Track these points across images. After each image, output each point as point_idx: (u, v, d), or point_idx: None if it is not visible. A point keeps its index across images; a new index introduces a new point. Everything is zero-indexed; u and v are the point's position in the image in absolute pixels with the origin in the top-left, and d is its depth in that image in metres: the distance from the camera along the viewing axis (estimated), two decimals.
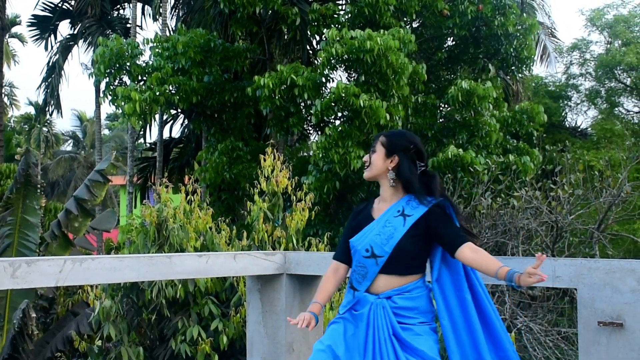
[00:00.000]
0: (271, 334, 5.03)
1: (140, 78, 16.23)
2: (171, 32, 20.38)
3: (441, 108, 16.61)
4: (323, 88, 14.77)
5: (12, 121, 45.29)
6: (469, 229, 3.62)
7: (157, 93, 15.22)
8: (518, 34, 16.38)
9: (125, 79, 16.53)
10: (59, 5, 23.83)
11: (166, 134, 21.60)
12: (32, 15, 24.20)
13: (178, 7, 21.90)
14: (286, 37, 17.18)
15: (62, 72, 24.44)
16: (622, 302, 3.60)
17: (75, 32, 23.95)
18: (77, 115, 45.01)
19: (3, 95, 28.62)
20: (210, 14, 17.55)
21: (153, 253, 7.74)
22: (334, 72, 14.88)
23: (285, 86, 14.24)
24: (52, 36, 24.41)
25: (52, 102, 24.76)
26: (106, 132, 47.04)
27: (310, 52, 17.60)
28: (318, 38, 17.38)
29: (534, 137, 16.37)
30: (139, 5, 22.70)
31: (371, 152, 3.72)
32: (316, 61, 16.58)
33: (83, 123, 44.69)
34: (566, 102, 23.42)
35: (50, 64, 24.30)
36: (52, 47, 24.37)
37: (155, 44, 16.29)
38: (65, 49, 24.21)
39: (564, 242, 12.27)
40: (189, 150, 20.34)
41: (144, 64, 16.27)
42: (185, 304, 7.99)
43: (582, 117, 40.57)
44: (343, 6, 17.19)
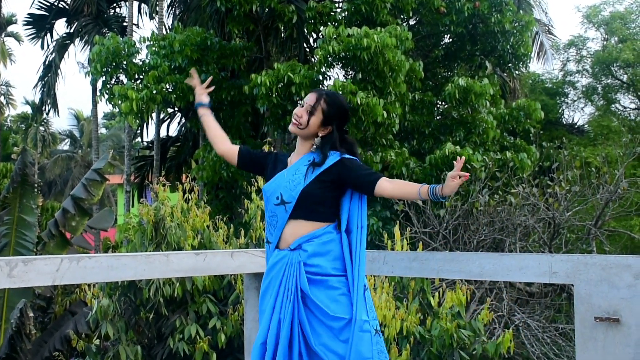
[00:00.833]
0: None
1: (137, 76, 16.20)
2: (168, 31, 20.34)
3: (438, 105, 16.62)
4: (320, 86, 14.76)
5: (9, 120, 45.21)
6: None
7: (154, 91, 15.20)
8: (515, 31, 16.40)
9: (122, 78, 16.50)
10: (55, 4, 23.76)
11: (163, 133, 21.58)
12: (28, 14, 24.13)
13: (174, 6, 21.87)
14: (283, 35, 17.17)
15: (59, 71, 24.37)
16: (619, 298, 3.61)
17: (71, 31, 23.89)
18: (74, 114, 44.95)
19: (0, 94, 28.59)
20: (206, 12, 17.52)
21: (150, 252, 7.74)
22: (331, 70, 14.90)
23: (282, 84, 14.23)
24: (49, 35, 24.34)
25: (49, 101, 24.71)
26: (103, 131, 46.97)
27: (307, 50, 17.59)
28: (315, 36, 17.37)
29: (531, 134, 16.39)
30: (136, 3, 22.70)
31: (308, 112, 3.67)
32: (313, 59, 16.56)
33: (80, 122, 44.63)
34: (563, 99, 23.44)
35: (46, 63, 24.27)
36: (49, 46, 24.34)
37: (151, 43, 16.27)
38: (61, 48, 24.16)
39: (561, 239, 12.29)
40: (186, 148, 20.31)
41: (141, 63, 16.25)
42: (183, 303, 7.99)
43: (579, 114, 40.57)
44: (340, 4, 17.18)
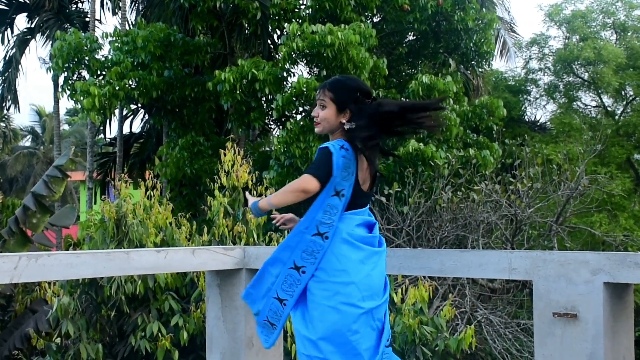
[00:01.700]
0: (231, 329, 5.01)
1: (99, 73, 16.07)
2: (131, 26, 20.17)
3: None
4: (284, 83, 14.76)
5: None
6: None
7: (117, 88, 15.09)
8: (478, 29, 16.51)
9: (84, 74, 16.36)
10: None
11: (126, 129, 21.48)
12: None
13: (138, 1, 21.70)
14: (247, 32, 17.12)
15: (20, 67, 24.07)
16: (576, 294, 3.65)
17: (32, 26, 23.58)
18: (36, 110, 44.39)
19: None
20: (170, 8, 17.41)
21: (112, 249, 7.68)
22: (295, 67, 14.88)
23: (246, 81, 14.20)
24: (9, 30, 24.01)
25: (10, 97, 24.35)
26: (66, 128, 46.47)
27: (271, 47, 17.56)
28: (279, 33, 17.33)
29: (494, 131, 16.51)
30: None
31: (320, 107, 3.64)
32: (277, 56, 16.54)
33: (42, 118, 44.09)
34: (525, 97, 23.64)
35: (6, 58, 23.90)
36: (9, 41, 24.00)
37: (114, 38, 16.13)
38: (22, 43, 23.84)
39: (523, 235, 12.41)
40: (150, 145, 20.18)
41: (103, 59, 16.12)
42: (145, 300, 7.94)
43: (541, 112, 41.05)
44: (304, 1, 17.18)
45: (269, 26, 16.46)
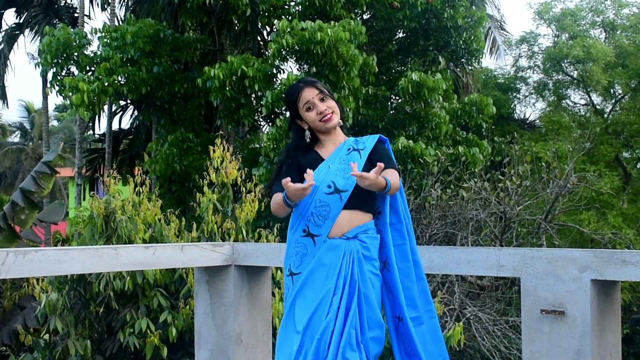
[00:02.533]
0: (219, 325, 5.01)
1: (88, 68, 16.02)
2: (120, 22, 20.11)
3: (392, 100, 16.68)
4: (274, 79, 14.74)
5: None
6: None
7: (106, 84, 15.04)
8: (467, 27, 16.51)
9: (73, 70, 16.30)
10: None
11: (115, 125, 21.36)
12: None
13: None
14: (237, 28, 17.09)
15: (8, 62, 23.98)
16: (564, 291, 3.67)
17: (21, 21, 23.49)
18: (25, 105, 44.15)
19: None
20: (159, 4, 17.37)
21: (101, 245, 7.65)
22: (285, 64, 14.86)
23: (235, 77, 14.18)
24: None
25: None
26: (55, 123, 46.25)
27: (260, 43, 17.53)
28: (269, 29, 17.32)
29: (483, 129, 16.55)
30: None
31: (319, 100, 3.60)
32: (267, 52, 16.52)
33: (31, 114, 43.85)
34: (515, 95, 23.70)
35: None
36: None
37: (103, 34, 16.08)
38: (10, 38, 23.75)
39: (512, 233, 12.45)
40: (139, 141, 20.13)
41: (92, 54, 16.06)
42: (133, 296, 7.92)
43: (531, 109, 41.22)
44: None
45: (259, 23, 16.45)
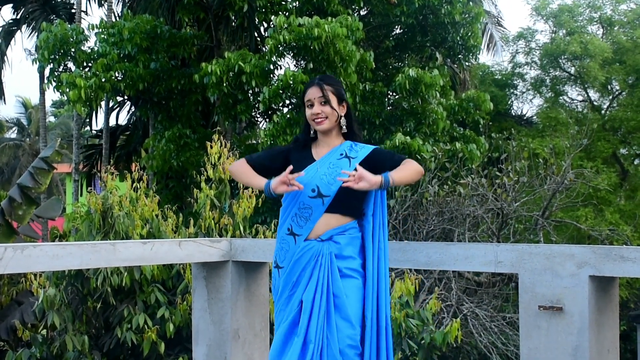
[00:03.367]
0: (217, 321, 5.01)
1: (85, 64, 15.99)
2: (117, 18, 20.08)
3: (389, 96, 16.68)
4: (271, 75, 14.73)
5: None
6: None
7: (103, 80, 15.02)
8: (464, 23, 16.52)
9: (70, 65, 16.28)
10: None
11: (112, 121, 21.33)
12: None
13: None
14: (234, 24, 17.08)
15: (5, 58, 23.93)
16: (562, 287, 3.67)
17: (18, 17, 23.43)
18: (22, 101, 44.09)
19: None
20: (156, 0, 17.35)
21: (98, 241, 7.65)
22: (282, 60, 14.87)
23: (232, 73, 14.17)
24: None
25: None
26: (52, 119, 46.19)
27: (258, 39, 17.52)
28: (266, 25, 17.31)
29: (480, 125, 16.56)
30: None
31: (322, 103, 3.72)
32: (264, 48, 16.49)
33: (28, 110, 43.79)
34: (512, 91, 23.69)
35: None
36: None
37: (100, 30, 16.05)
38: (7, 34, 23.69)
39: (510, 229, 12.46)
40: (136, 137, 20.12)
41: (89, 50, 16.03)
42: (131, 292, 7.91)
43: (528, 106, 41.28)
44: None
45: (256, 19, 16.43)
